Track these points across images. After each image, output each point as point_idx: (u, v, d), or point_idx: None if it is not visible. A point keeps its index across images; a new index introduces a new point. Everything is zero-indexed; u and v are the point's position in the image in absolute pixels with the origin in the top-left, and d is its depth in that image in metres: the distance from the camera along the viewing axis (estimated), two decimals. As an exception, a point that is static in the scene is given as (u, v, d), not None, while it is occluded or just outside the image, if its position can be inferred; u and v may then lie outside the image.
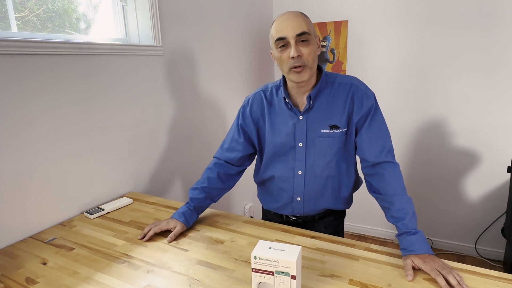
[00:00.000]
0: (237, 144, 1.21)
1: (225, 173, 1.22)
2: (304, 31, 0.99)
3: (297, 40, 0.99)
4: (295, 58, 0.99)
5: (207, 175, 1.21)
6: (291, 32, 0.99)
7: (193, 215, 1.16)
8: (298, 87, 1.08)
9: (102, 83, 1.36)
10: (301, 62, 1.00)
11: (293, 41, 0.99)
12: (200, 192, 1.18)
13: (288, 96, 1.11)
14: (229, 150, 1.22)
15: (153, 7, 1.53)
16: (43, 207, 1.19)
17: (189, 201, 1.18)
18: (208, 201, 1.20)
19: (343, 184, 1.17)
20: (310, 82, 1.08)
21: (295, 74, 1.02)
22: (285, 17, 1.01)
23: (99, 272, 0.93)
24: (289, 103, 1.10)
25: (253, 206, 2.57)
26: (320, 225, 1.24)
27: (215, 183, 1.20)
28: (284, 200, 1.21)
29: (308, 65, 1.02)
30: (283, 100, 1.12)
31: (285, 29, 0.99)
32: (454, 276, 0.82)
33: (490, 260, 2.31)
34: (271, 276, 0.75)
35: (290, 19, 1.00)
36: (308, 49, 1.00)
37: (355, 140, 1.12)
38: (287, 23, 1.00)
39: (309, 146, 1.12)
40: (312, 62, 1.02)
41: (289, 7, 2.55)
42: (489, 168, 2.22)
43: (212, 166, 1.22)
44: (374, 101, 1.09)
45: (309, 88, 1.09)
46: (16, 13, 1.17)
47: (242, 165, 1.25)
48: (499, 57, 2.05)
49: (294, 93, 1.11)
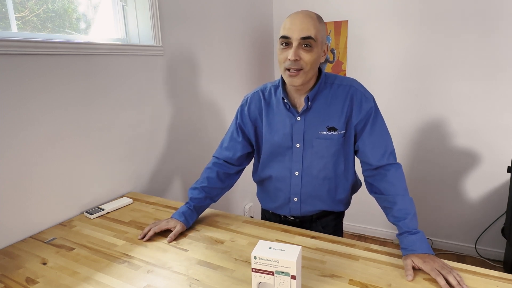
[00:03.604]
0: (236, 143, 1.22)
1: (225, 172, 1.22)
2: (309, 35, 0.96)
3: (301, 43, 0.97)
4: (291, 60, 0.98)
5: (207, 174, 1.21)
6: (296, 33, 0.97)
7: (193, 215, 1.16)
8: (295, 89, 1.08)
9: (102, 83, 1.36)
10: (297, 66, 0.99)
11: (295, 43, 0.97)
12: (200, 192, 1.17)
13: (286, 96, 1.10)
14: (228, 149, 1.22)
15: (153, 7, 1.53)
16: (43, 207, 1.19)
17: (189, 201, 1.17)
18: (208, 200, 1.20)
19: (340, 186, 1.17)
20: (308, 83, 1.07)
21: (288, 77, 1.02)
22: (296, 17, 0.99)
23: (99, 272, 0.93)
24: (287, 103, 1.10)
25: (253, 206, 2.57)
26: (318, 225, 1.24)
27: (214, 183, 1.20)
28: (281, 200, 1.21)
29: (304, 70, 1.00)
30: (281, 100, 1.12)
31: (291, 29, 0.97)
32: (454, 276, 0.82)
33: (490, 260, 2.31)
34: (271, 276, 0.75)
35: (300, 20, 0.97)
36: (308, 55, 0.98)
37: (357, 144, 1.11)
38: (296, 23, 0.97)
39: (307, 147, 1.11)
40: (309, 68, 1.00)
41: (289, 7, 2.55)
42: (489, 168, 2.22)
43: (212, 166, 1.22)
44: (373, 103, 1.08)
45: (308, 89, 1.08)
46: (16, 13, 1.17)
47: (241, 164, 1.25)
48: (499, 57, 2.05)
49: (292, 94, 1.11)
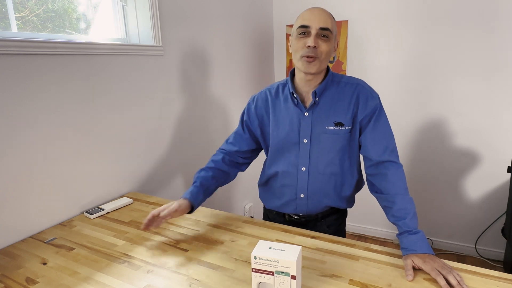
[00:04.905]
0: (241, 139, 1.25)
1: (230, 159, 1.25)
2: (327, 27, 1.03)
3: (319, 33, 1.03)
4: (311, 47, 1.02)
5: (212, 158, 1.24)
6: (316, 23, 1.02)
7: (199, 193, 1.13)
8: (306, 79, 1.09)
9: (102, 83, 1.36)
10: (315, 53, 1.03)
11: (314, 32, 1.02)
12: (206, 171, 1.19)
13: (295, 91, 1.12)
14: (233, 144, 1.25)
15: (153, 7, 1.53)
16: (43, 207, 1.19)
17: (195, 180, 1.16)
18: (214, 181, 1.19)
19: (345, 183, 1.18)
20: (317, 77, 1.10)
21: (304, 63, 1.04)
22: (314, 9, 1.05)
23: (99, 272, 0.93)
24: (296, 98, 1.11)
25: (253, 206, 2.57)
26: (323, 224, 1.24)
27: (220, 165, 1.22)
28: (287, 197, 1.21)
29: (319, 59, 1.04)
30: (289, 96, 1.14)
31: (311, 19, 1.03)
32: (454, 276, 0.82)
33: (490, 260, 2.31)
34: (271, 276, 0.75)
35: (319, 12, 1.04)
36: (325, 44, 1.04)
37: (360, 139, 1.13)
38: (315, 14, 1.04)
39: (314, 143, 1.12)
40: (324, 57, 1.05)
41: (290, 7, 2.56)
42: (489, 168, 2.22)
43: (218, 153, 1.26)
44: (378, 101, 1.11)
45: (316, 84, 1.11)
46: (16, 13, 1.17)
47: (247, 158, 1.28)
48: (500, 57, 2.05)
49: (300, 88, 1.13)
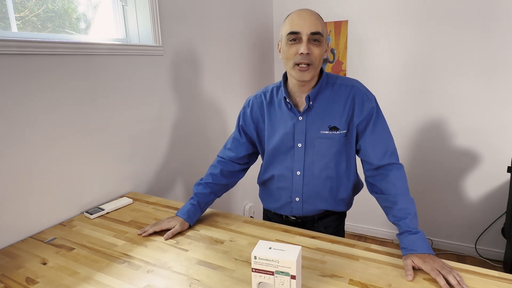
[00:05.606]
0: (239, 144, 1.24)
1: (228, 170, 1.25)
2: (318, 31, 1.00)
3: (310, 38, 1.00)
4: (303, 55, 1.00)
5: (210, 171, 1.24)
6: (306, 28, 0.99)
7: (196, 212, 1.17)
8: (299, 85, 1.08)
9: (102, 83, 1.36)
10: (308, 60, 1.01)
11: (305, 38, 1.00)
12: (204, 187, 1.20)
13: (288, 95, 1.11)
14: (231, 150, 1.25)
15: (153, 7, 1.53)
16: (43, 207, 1.19)
17: (193, 196, 1.19)
18: (212, 196, 1.22)
19: (341, 186, 1.17)
20: (311, 82, 1.08)
21: (298, 72, 1.03)
22: (302, 13, 1.02)
23: (99, 272, 0.93)
24: (289, 103, 1.10)
25: (253, 206, 2.57)
26: (320, 225, 1.24)
27: (218, 179, 1.22)
28: (283, 200, 1.21)
29: (313, 65, 1.02)
30: (283, 100, 1.12)
31: (301, 25, 1.00)
32: (454, 276, 0.82)
33: (490, 260, 2.31)
34: (271, 276, 0.75)
35: (307, 16, 1.01)
36: (318, 49, 1.01)
37: (359, 144, 1.12)
38: (304, 18, 1.00)
39: (308, 147, 1.12)
40: (318, 63, 1.03)
41: (290, 7, 2.56)
42: (489, 168, 2.22)
43: (216, 164, 1.26)
44: (375, 103, 1.09)
45: (310, 88, 1.09)
46: (16, 13, 1.17)
47: (245, 163, 1.28)
48: (500, 57, 2.05)
49: (294, 93, 1.11)
